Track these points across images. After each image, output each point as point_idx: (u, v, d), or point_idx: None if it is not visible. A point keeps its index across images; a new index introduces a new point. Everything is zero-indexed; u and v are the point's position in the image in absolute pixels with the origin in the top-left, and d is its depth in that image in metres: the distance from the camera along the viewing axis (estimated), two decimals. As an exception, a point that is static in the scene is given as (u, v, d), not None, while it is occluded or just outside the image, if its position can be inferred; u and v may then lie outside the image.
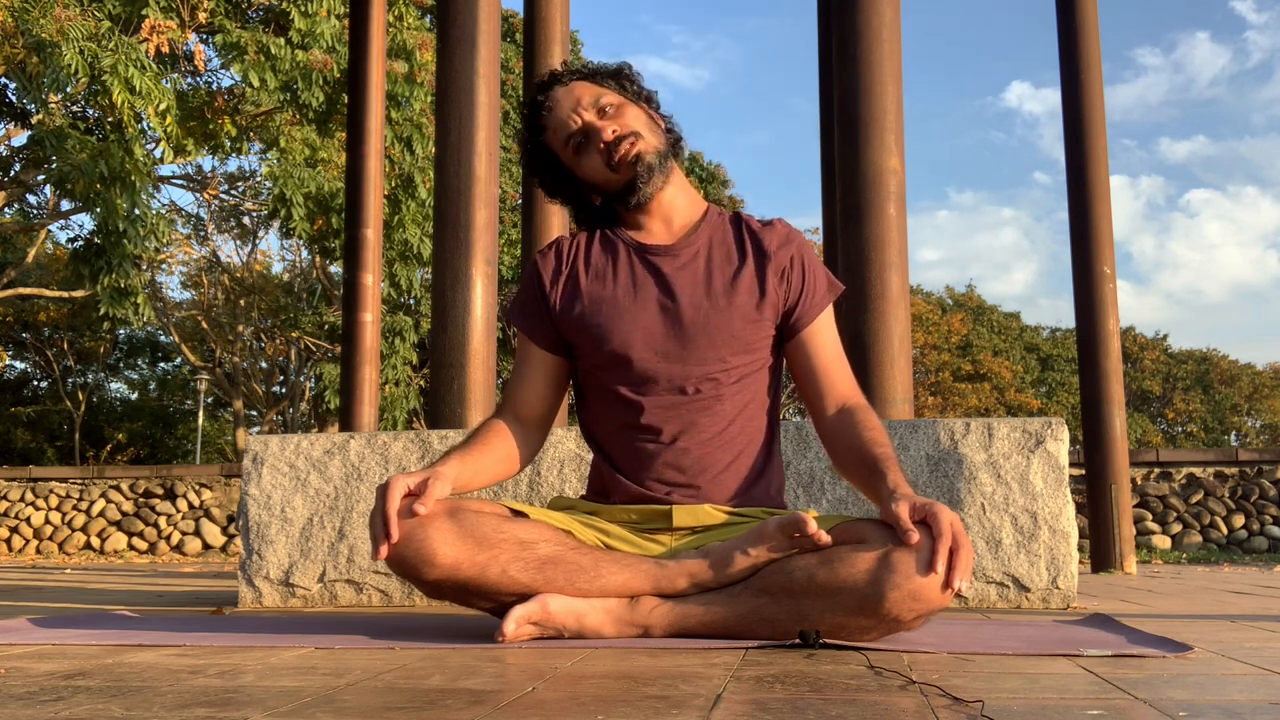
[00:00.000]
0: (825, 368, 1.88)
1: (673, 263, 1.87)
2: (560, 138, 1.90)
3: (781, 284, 1.88)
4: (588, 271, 1.90)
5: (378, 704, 1.08)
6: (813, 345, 1.89)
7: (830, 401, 1.87)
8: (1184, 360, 35.67)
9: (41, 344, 24.98)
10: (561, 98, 1.91)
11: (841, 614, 1.57)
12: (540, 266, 1.95)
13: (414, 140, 12.45)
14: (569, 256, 1.93)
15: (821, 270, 1.93)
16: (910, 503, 1.58)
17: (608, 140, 1.85)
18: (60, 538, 10.75)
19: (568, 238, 1.98)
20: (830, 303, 1.92)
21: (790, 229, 1.94)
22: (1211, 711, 1.03)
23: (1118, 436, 5.13)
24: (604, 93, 1.91)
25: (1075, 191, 5.32)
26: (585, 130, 1.88)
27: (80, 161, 9.63)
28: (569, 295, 1.90)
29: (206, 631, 1.86)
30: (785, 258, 1.89)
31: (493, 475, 1.87)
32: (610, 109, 1.89)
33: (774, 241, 1.90)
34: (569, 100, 1.90)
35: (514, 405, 1.94)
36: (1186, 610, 2.52)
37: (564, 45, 5.01)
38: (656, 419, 1.82)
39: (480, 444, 1.85)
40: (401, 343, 15.78)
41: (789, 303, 1.88)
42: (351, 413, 5.90)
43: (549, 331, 1.93)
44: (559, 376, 1.96)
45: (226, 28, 10.96)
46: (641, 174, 1.85)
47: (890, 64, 3.45)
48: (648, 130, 1.90)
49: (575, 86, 1.92)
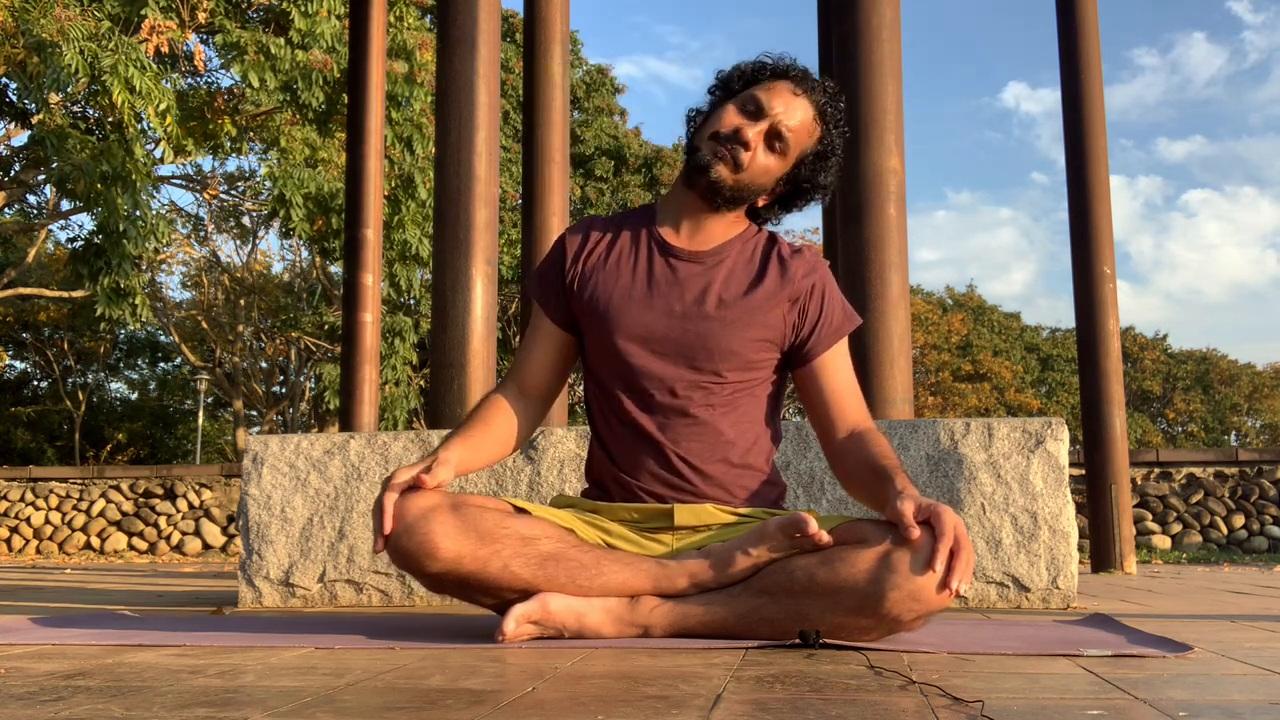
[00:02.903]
0: (836, 397, 1.87)
1: (693, 268, 1.86)
2: (745, 103, 1.85)
3: (794, 311, 1.86)
4: (609, 258, 1.90)
5: (378, 704, 1.08)
6: (824, 375, 1.88)
7: (840, 428, 1.86)
8: (1184, 360, 35.67)
9: (41, 344, 24.97)
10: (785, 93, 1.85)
11: (842, 614, 1.57)
12: (567, 242, 1.94)
13: (414, 140, 12.44)
14: (596, 239, 1.93)
15: (839, 302, 1.91)
16: (915, 502, 1.58)
17: (742, 139, 1.81)
18: (60, 538, 10.75)
19: (600, 221, 1.96)
20: (844, 336, 1.90)
21: (818, 259, 1.91)
22: (1211, 711, 1.03)
23: (1118, 436, 5.13)
24: (807, 131, 1.86)
25: (1075, 191, 5.32)
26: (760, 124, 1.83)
27: (81, 161, 9.63)
28: (586, 276, 1.90)
29: (206, 631, 1.86)
30: (805, 286, 1.87)
31: (495, 453, 1.87)
32: (780, 147, 1.84)
33: (799, 270, 1.88)
34: (786, 102, 1.84)
35: (519, 376, 1.95)
36: (1186, 610, 2.52)
37: (564, 45, 5.01)
38: (644, 419, 1.82)
39: (481, 422, 1.86)
40: (401, 343, 15.78)
41: (801, 332, 1.87)
42: (351, 413, 5.90)
43: (562, 307, 1.92)
44: (566, 353, 1.96)
45: (226, 28, 10.96)
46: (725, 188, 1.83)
47: (890, 64, 3.45)
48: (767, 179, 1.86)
49: (803, 103, 1.86)
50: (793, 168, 1.88)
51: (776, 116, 1.83)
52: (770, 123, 1.83)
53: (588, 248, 1.92)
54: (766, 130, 1.83)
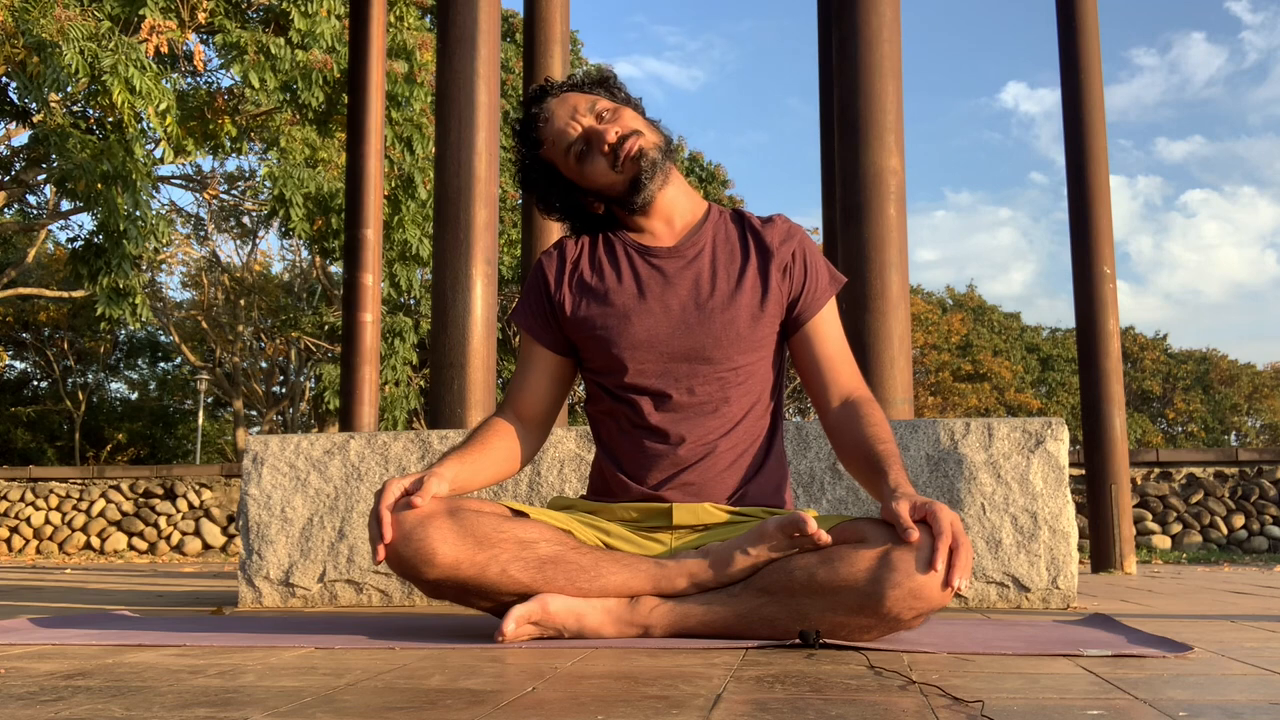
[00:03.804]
0: (829, 360, 1.89)
1: (676, 264, 1.87)
2: (560, 148, 1.90)
3: (784, 280, 1.89)
4: (592, 274, 1.90)
5: (378, 704, 1.08)
6: (816, 338, 1.89)
7: (835, 393, 1.87)
8: (1184, 360, 35.67)
9: (41, 344, 24.98)
10: (556, 108, 1.91)
11: (842, 613, 1.57)
12: (545, 268, 1.95)
13: (414, 140, 12.44)
14: (573, 258, 1.94)
15: (823, 263, 1.94)
16: (911, 501, 1.58)
17: (611, 141, 1.85)
18: (60, 538, 10.75)
19: (571, 239, 1.97)
20: (833, 295, 1.93)
21: (790, 224, 1.95)
22: (1211, 711, 1.03)
23: (1118, 436, 5.13)
24: (597, 100, 1.91)
25: (1075, 191, 5.31)
26: (587, 136, 1.87)
27: (82, 160, 9.63)
28: (575, 298, 1.90)
29: (206, 631, 1.86)
30: (787, 253, 1.90)
31: (492, 475, 1.87)
32: (607, 114, 1.89)
33: (776, 238, 1.90)
34: (564, 110, 1.90)
35: (516, 404, 1.95)
36: (1186, 610, 2.52)
37: (564, 45, 5.01)
38: (663, 421, 1.82)
39: (479, 444, 1.85)
40: (401, 343, 15.78)
41: (792, 297, 1.89)
42: (351, 413, 5.90)
43: (554, 333, 1.93)
44: (562, 377, 1.96)
45: (226, 28, 10.96)
46: (645, 170, 1.85)
47: (890, 64, 3.45)
48: (646, 129, 1.91)
49: (568, 97, 1.92)
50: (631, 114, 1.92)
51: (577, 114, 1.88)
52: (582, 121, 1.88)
53: (568, 268, 1.93)
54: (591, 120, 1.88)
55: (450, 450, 1.84)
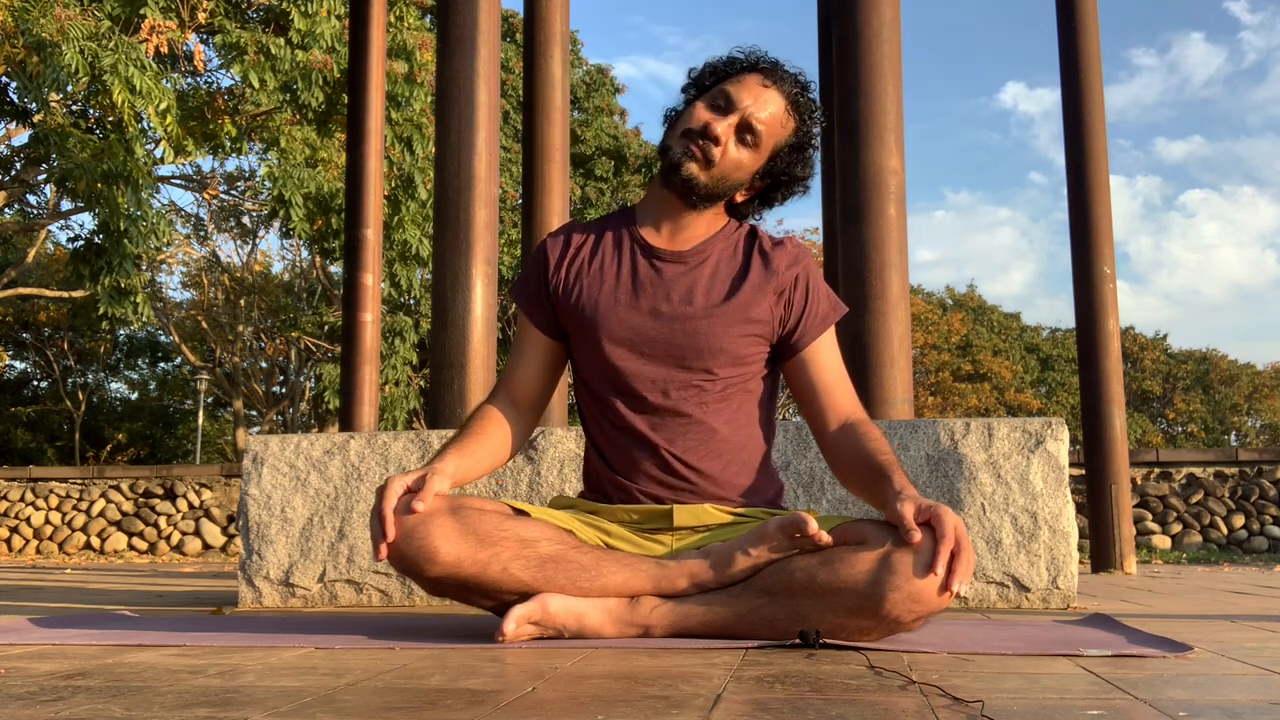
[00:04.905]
0: (826, 386, 1.87)
1: (677, 269, 1.86)
2: (715, 98, 1.84)
3: (780, 304, 1.86)
4: (592, 263, 1.89)
5: (378, 704, 1.08)
6: (813, 365, 1.87)
7: (832, 418, 1.86)
8: (1184, 360, 35.67)
9: (41, 344, 24.97)
10: (755, 86, 1.83)
11: (841, 614, 1.57)
12: (549, 249, 1.94)
13: (414, 140, 12.44)
14: (578, 244, 1.93)
15: (825, 291, 1.91)
16: (915, 503, 1.58)
17: (713, 133, 1.80)
18: (60, 538, 10.75)
19: (580, 225, 1.96)
20: (832, 324, 1.90)
21: (800, 249, 1.91)
22: (1211, 711, 1.03)
23: (1118, 436, 5.13)
24: (779, 123, 1.84)
25: (1075, 191, 5.31)
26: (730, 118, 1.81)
27: (82, 160, 9.63)
28: (570, 283, 1.89)
29: (206, 631, 1.86)
30: (790, 278, 1.87)
31: (490, 464, 1.87)
32: (752, 140, 1.83)
33: (782, 261, 1.87)
34: (755, 95, 1.83)
35: (509, 386, 1.94)
36: (1186, 610, 2.52)
37: (564, 45, 5.01)
38: (638, 421, 1.82)
39: (476, 434, 1.85)
40: (401, 343, 15.78)
41: (788, 324, 1.87)
42: (351, 413, 5.90)
43: (547, 314, 1.92)
44: (555, 360, 1.95)
45: (226, 28, 10.96)
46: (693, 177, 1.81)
47: (890, 64, 3.45)
48: (748, 167, 1.85)
49: (774, 95, 1.84)
50: (768, 161, 1.87)
51: (746, 109, 1.82)
52: (740, 116, 1.82)
53: (569, 253, 1.92)
54: (737, 124, 1.82)
55: (448, 443, 1.83)
